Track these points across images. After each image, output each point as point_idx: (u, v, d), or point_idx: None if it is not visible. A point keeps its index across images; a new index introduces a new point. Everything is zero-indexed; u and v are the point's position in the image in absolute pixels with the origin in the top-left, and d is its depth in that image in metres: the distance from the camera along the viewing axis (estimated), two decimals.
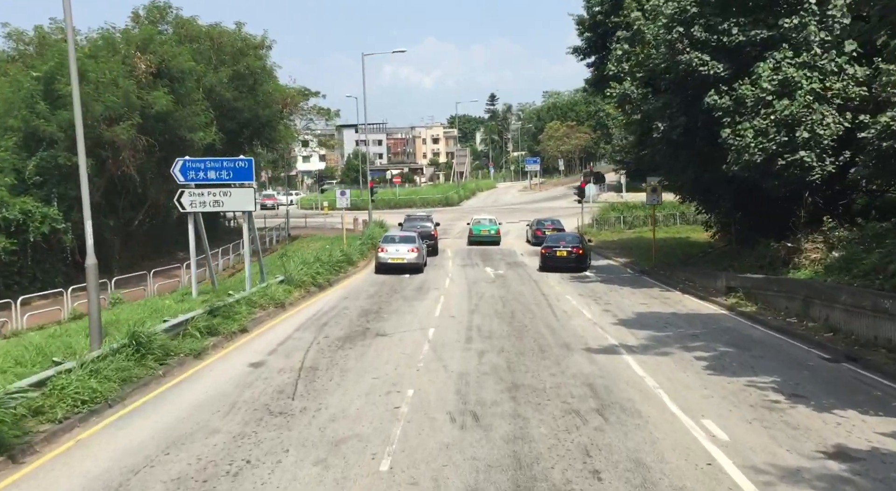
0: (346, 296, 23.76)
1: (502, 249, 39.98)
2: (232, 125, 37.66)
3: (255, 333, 17.71)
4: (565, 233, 38.56)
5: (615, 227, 45.77)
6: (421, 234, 35.28)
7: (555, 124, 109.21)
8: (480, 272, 30.22)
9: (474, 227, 42.04)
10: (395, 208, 72.83)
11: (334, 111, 52.60)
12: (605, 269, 31.82)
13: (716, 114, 21.90)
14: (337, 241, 40.44)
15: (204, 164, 21.84)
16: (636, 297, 23.47)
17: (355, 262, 31.19)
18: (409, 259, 28.97)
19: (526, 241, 44.36)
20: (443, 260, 34.82)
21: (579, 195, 45.54)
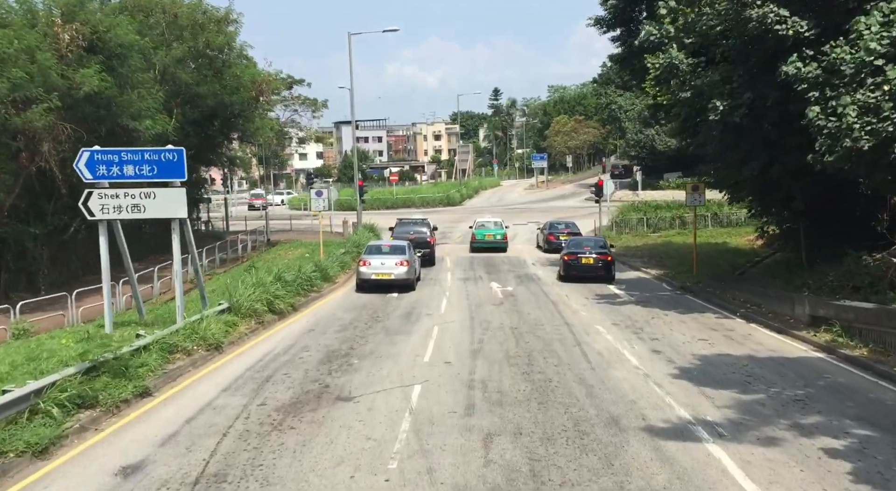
0: (312, 327, 18.35)
1: (510, 257, 34.58)
2: (194, 114, 32.35)
3: (160, 397, 12.29)
4: (588, 237, 33.25)
5: (637, 231, 40.35)
6: (415, 241, 29.90)
7: (562, 118, 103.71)
8: (485, 289, 24.82)
9: (478, 231, 36.64)
10: (392, 209, 67.43)
11: (322, 102, 47.36)
12: (636, 284, 26.34)
13: (798, 87, 16.46)
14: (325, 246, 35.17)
15: (119, 157, 16.48)
16: (688, 328, 18.04)
17: (333, 277, 25.82)
18: (397, 275, 23.60)
19: (536, 246, 38.96)
20: (440, 272, 29.43)
21: (596, 194, 40.10)
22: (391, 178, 72.97)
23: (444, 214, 59.70)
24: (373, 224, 40.82)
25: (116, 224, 17.03)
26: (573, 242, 29.67)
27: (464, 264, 32.12)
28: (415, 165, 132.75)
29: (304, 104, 47.02)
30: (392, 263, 23.71)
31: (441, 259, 33.60)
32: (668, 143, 65.13)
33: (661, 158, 66.77)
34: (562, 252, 28.87)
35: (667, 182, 65.08)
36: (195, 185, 41.08)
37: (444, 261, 33.19)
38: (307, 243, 38.53)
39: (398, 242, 25.97)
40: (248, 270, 27.85)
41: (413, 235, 30.70)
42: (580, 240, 31.01)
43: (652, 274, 28.12)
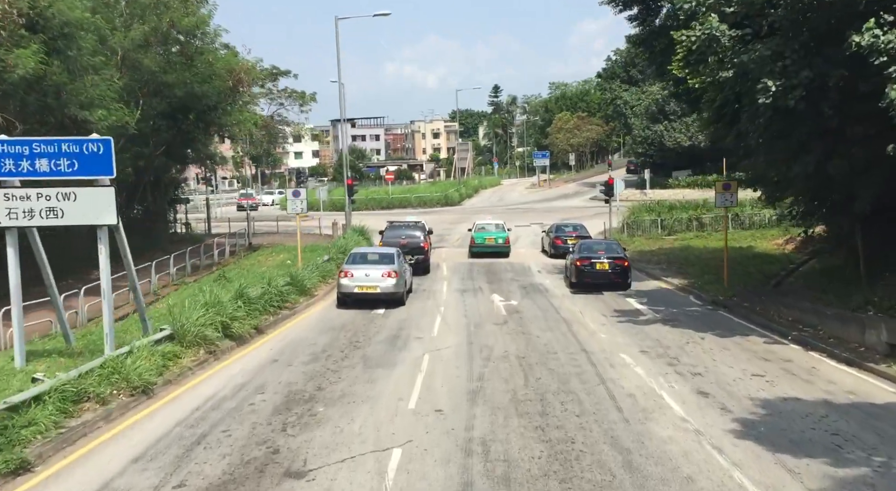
0: (276, 357, 15.11)
1: (512, 264, 31.34)
2: (162, 105, 29.14)
3: (41, 474, 9.04)
4: (601, 240, 30.06)
5: (651, 233, 37.08)
6: (407, 247, 26.72)
7: (564, 115, 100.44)
8: (485, 303, 21.60)
9: (477, 234, 33.39)
10: (387, 209, 64.18)
11: (310, 95, 44.10)
12: (658, 296, 23.07)
13: (875, 60, 13.24)
14: (309, 252, 31.96)
15: (30, 148, 13.25)
16: (734, 357, 14.79)
17: (311, 289, 22.55)
18: (383, 288, 20.35)
19: (541, 250, 35.71)
20: (435, 282, 26.20)
21: (606, 193, 36.83)
22: (387, 177, 69.72)
23: (441, 215, 56.47)
24: (363, 226, 37.56)
25: (32, 231, 13.81)
26: (584, 246, 26.59)
27: (462, 272, 28.89)
28: (413, 164, 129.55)
29: (291, 97, 43.74)
30: (378, 274, 20.46)
31: (436, 266, 30.38)
32: (678, 140, 61.95)
33: (670, 155, 63.58)
34: (571, 256, 25.89)
35: (676, 180, 61.88)
36: (169, 184, 37.92)
37: (440, 268, 29.97)
38: (292, 248, 35.24)
39: (386, 250, 22.70)
40: (217, 280, 24.74)
41: (405, 240, 27.49)
42: (591, 243, 27.85)
43: (675, 284, 24.87)
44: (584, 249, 26.21)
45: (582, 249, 26.20)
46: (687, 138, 61.49)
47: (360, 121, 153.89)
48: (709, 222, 36.85)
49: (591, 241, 29.09)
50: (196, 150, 35.38)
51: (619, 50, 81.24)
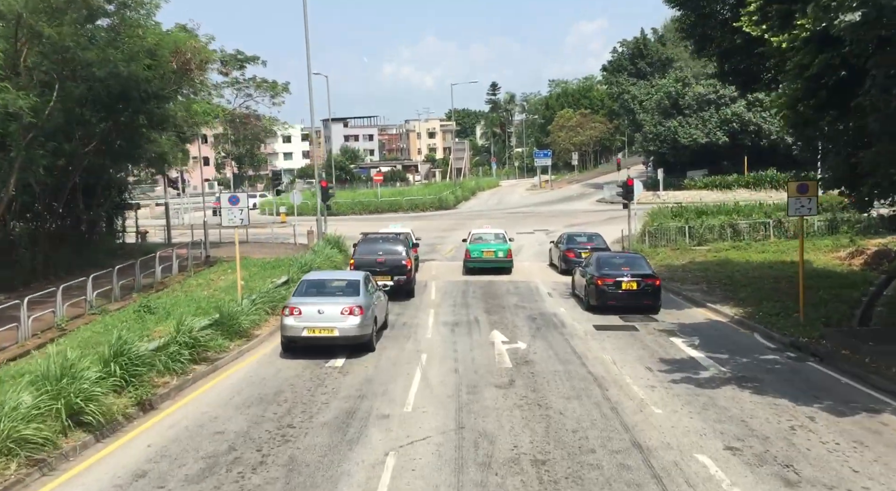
0: (147, 466, 9.49)
1: (516, 283, 25.82)
2: (80, 89, 23.56)
3: None
4: (622, 253, 24.66)
5: (677, 243, 31.50)
6: (386, 265, 21.32)
7: (567, 112, 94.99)
8: (484, 347, 16.05)
9: (473, 246, 27.83)
10: (375, 214, 58.68)
11: (282, 85, 38.54)
12: (712, 333, 17.43)
13: None
14: (271, 269, 26.48)
15: None
16: (880, 461, 9.25)
17: (250, 329, 16.92)
18: (343, 329, 14.77)
19: (549, 264, 30.21)
20: (419, 311, 20.66)
21: (625, 196, 31.31)
22: (375, 179, 64.13)
23: (434, 220, 50.97)
24: (339, 237, 32.02)
25: None
26: (604, 261, 21.42)
27: (454, 295, 23.36)
28: (407, 165, 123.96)
29: (261, 88, 38.16)
30: (336, 311, 14.86)
31: (423, 287, 24.85)
32: (693, 136, 56.48)
33: (685, 154, 58.12)
34: (588, 271, 21.11)
35: (692, 181, 56.41)
36: (111, 188, 32.33)
37: (428, 289, 24.44)
38: (258, 261, 29.79)
39: (350, 276, 16.99)
40: (138, 310, 19.20)
41: (382, 257, 21.95)
42: (611, 257, 22.51)
43: (727, 314, 19.28)
44: (604, 264, 21.11)
45: (602, 264, 21.08)
46: (703, 134, 56.03)
47: (352, 120, 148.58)
48: (744, 229, 31.31)
49: (609, 254, 23.65)
50: (140, 147, 29.78)
51: (625, 41, 75.94)
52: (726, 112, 55.51)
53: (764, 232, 31.17)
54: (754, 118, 54.74)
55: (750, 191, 54.30)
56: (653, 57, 73.60)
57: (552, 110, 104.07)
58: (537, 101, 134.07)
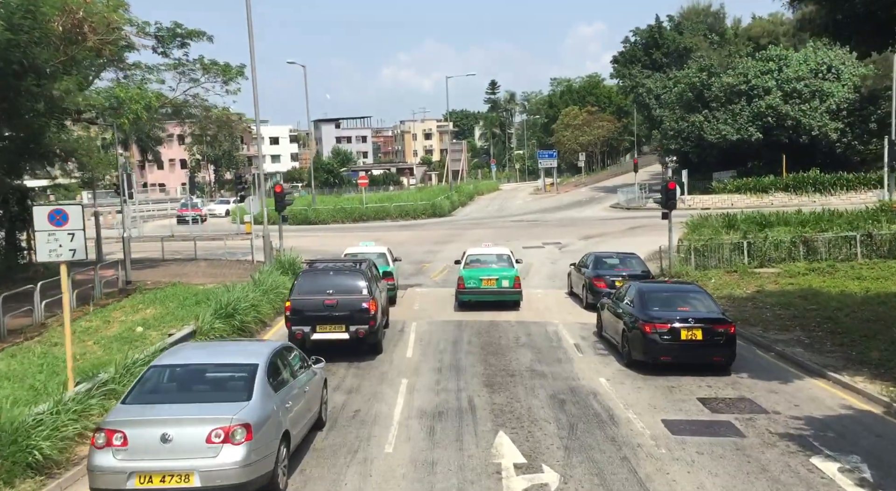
0: None
1: (527, 325, 18.71)
2: None
3: None
4: (675, 285, 17.18)
5: (733, 263, 24.27)
6: (338, 309, 14.41)
7: (572, 109, 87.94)
8: (481, 479, 8.95)
9: (470, 273, 20.58)
10: (360, 222, 51.59)
11: (236, 67, 31.46)
12: (872, 445, 10.26)
13: None
14: (199, 303, 19.45)
15: None
16: None
17: (54, 458, 9.61)
18: (209, 474, 7.64)
19: (568, 292, 23.15)
20: (384, 384, 13.53)
21: (665, 203, 24.17)
22: (360, 182, 57.00)
23: (426, 230, 43.90)
24: (295, 257, 24.88)
25: None
26: (651, 296, 15.01)
27: (441, 348, 16.28)
28: (402, 167, 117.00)
29: (210, 72, 31.08)
30: (196, 437, 7.74)
31: (399, 332, 17.81)
32: (722, 133, 49.41)
33: (711, 153, 51.07)
34: (630, 310, 14.82)
35: (720, 183, 49.30)
36: None
37: (405, 337, 17.37)
38: (188, 291, 22.74)
39: (241, 357, 9.40)
40: None
41: (333, 298, 14.83)
42: (659, 291, 15.63)
43: (874, 395, 12.04)
44: (652, 301, 14.69)
45: (649, 300, 14.67)
46: (734, 130, 48.96)
47: (345, 121, 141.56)
48: (824, 247, 24.14)
49: (656, 286, 16.56)
50: (38, 142, 22.78)
51: (638, 29, 68.89)
52: (759, 105, 48.49)
53: (847, 249, 23.98)
54: (792, 111, 47.72)
55: (789, 195, 47.24)
56: (669, 46, 66.61)
57: (556, 108, 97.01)
58: (539, 101, 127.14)
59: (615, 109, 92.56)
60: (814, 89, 48.41)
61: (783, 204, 46.01)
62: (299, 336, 14.73)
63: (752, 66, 50.85)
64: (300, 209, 54.24)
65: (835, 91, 48.15)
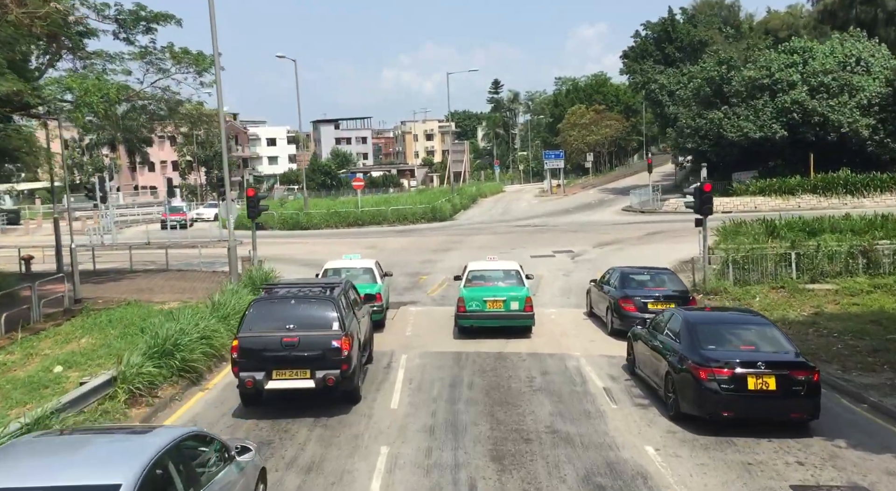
0: None
1: (543, 358, 15.29)
2: None
3: None
4: (737, 314, 13.50)
5: (780, 278, 20.75)
6: (300, 348, 11.07)
7: (579, 108, 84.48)
8: None
9: (473, 293, 17.10)
10: (354, 226, 48.16)
11: (211, 56, 28.10)
12: None
13: None
14: (145, 331, 16.03)
15: None
16: None
17: None
18: None
19: (587, 312, 19.74)
20: (354, 456, 10.10)
21: (699, 208, 20.76)
22: (355, 185, 53.58)
23: (425, 236, 40.47)
24: (268, 272, 21.44)
25: None
26: (704, 329, 11.65)
27: (434, 392, 12.90)
28: (402, 169, 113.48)
29: (180, 61, 27.70)
30: None
31: (385, 369, 14.43)
32: (744, 130, 45.92)
33: (731, 152, 47.56)
34: (670, 347, 11.74)
35: (742, 184, 45.80)
36: None
37: (391, 376, 13.98)
38: (153, 310, 19.46)
39: (93, 476, 5.76)
40: None
41: (294, 335, 11.42)
42: (713, 322, 12.21)
43: None
44: (705, 336, 11.35)
45: (701, 336, 11.39)
46: (756, 128, 45.44)
47: (344, 122, 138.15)
48: (888, 259, 20.62)
49: (709, 315, 12.92)
50: None
51: (649, 23, 65.27)
52: (784, 100, 44.97)
53: None
54: (819, 107, 44.21)
55: (817, 197, 43.75)
56: (683, 40, 63.05)
57: (561, 107, 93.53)
58: (543, 100, 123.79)
59: (623, 108, 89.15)
60: (842, 83, 44.89)
61: (811, 207, 42.56)
62: (250, 384, 11.35)
63: (774, 59, 47.35)
64: (291, 213, 50.93)
65: (865, 85, 44.62)
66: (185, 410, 12.14)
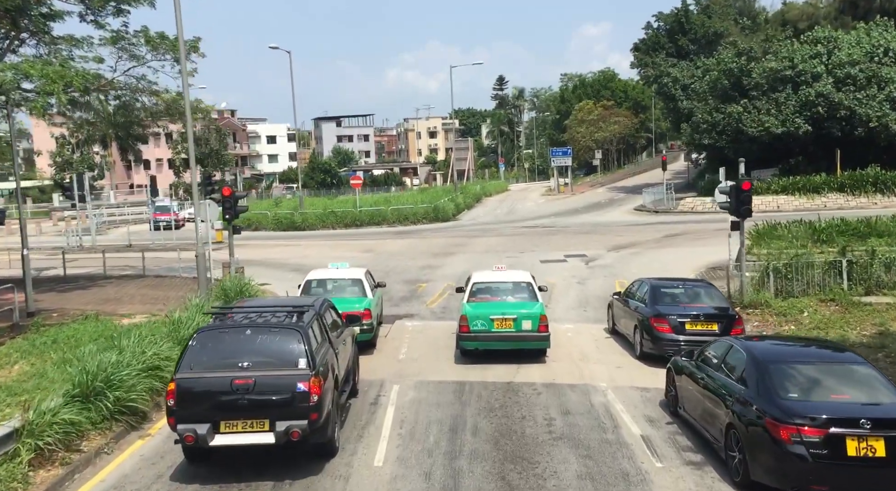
0: None
1: (562, 390, 12.73)
2: None
3: None
4: (820, 349, 10.53)
5: (828, 290, 18.09)
6: (258, 392, 8.44)
7: (587, 104, 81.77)
8: None
9: (477, 309, 14.55)
10: (352, 227, 45.61)
11: (190, 40, 25.58)
12: None
13: None
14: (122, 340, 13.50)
15: None
16: None
17: None
18: None
19: (609, 329, 17.15)
20: None
21: (735, 209, 18.17)
22: (353, 183, 50.99)
23: (427, 238, 37.88)
24: (245, 283, 18.85)
25: None
26: (781, 368, 8.90)
27: (430, 440, 10.34)
28: (405, 167, 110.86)
29: (156, 48, 25.19)
30: None
31: (371, 406, 11.88)
32: (765, 125, 43.22)
33: (751, 148, 44.82)
34: (736, 393, 8.96)
35: (763, 183, 43.11)
36: None
37: (378, 416, 11.44)
38: (113, 326, 17.03)
39: None
40: None
41: (248, 376, 8.84)
42: (792, 359, 9.37)
43: None
44: (782, 376, 8.70)
45: (775, 376, 8.73)
46: (779, 122, 42.73)
47: (346, 119, 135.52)
48: None
49: (785, 349, 10.20)
50: None
51: (661, 14, 62.62)
52: (808, 93, 42.26)
53: None
54: (846, 100, 41.50)
55: (845, 196, 41.07)
56: (697, 32, 60.34)
57: (568, 103, 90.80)
58: (548, 97, 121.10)
59: (632, 104, 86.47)
60: (870, 75, 42.17)
61: (838, 206, 39.90)
62: (190, 440, 8.77)
63: (797, 50, 44.63)
64: (286, 213, 48.40)
65: (895, 77, 41.90)
66: (112, 469, 9.58)
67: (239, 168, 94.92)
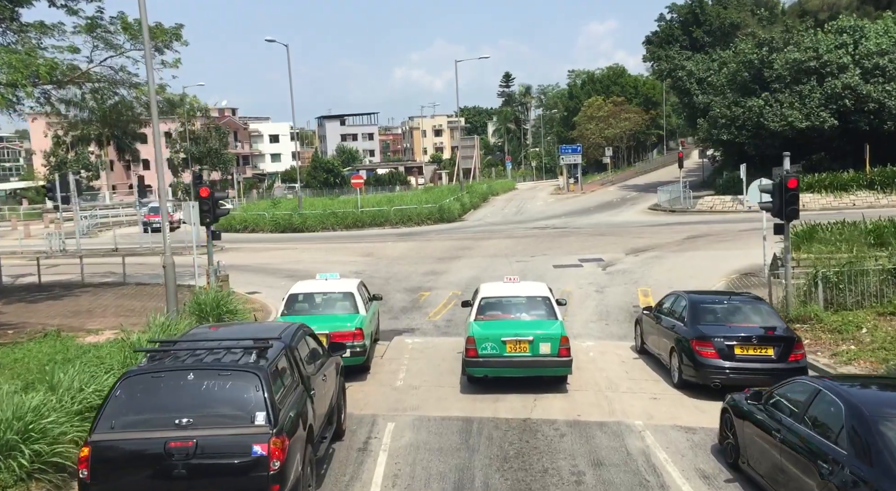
0: None
1: (586, 426, 10.59)
2: None
3: None
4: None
5: (884, 301, 15.91)
6: (197, 455, 6.08)
7: (597, 100, 79.41)
8: None
9: (486, 330, 12.40)
10: (353, 229, 43.47)
11: (172, 28, 23.51)
12: None
13: None
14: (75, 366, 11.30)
15: None
16: None
17: None
18: None
19: (637, 348, 14.97)
20: None
21: (779, 211, 15.92)
22: (354, 183, 48.87)
23: (431, 240, 35.70)
24: (223, 296, 16.65)
25: None
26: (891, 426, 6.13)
27: None
28: (410, 166, 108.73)
29: (135, 36, 23.12)
30: None
31: (358, 452, 9.68)
32: (788, 119, 40.89)
33: (772, 144, 42.42)
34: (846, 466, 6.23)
35: None
36: None
37: (366, 465, 9.25)
38: (74, 345, 14.96)
39: None
40: None
41: (189, 436, 6.69)
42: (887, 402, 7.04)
43: None
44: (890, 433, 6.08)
45: (888, 435, 6.16)
46: (803, 116, 40.40)
47: (350, 118, 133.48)
48: None
49: (885, 395, 7.97)
50: None
51: (675, 5, 60.24)
52: (834, 85, 39.92)
53: None
54: (874, 92, 39.16)
55: (875, 194, 38.78)
56: (713, 23, 57.99)
57: (576, 100, 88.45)
58: (556, 94, 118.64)
59: (643, 100, 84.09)
60: None
61: (868, 204, 37.61)
62: None
63: (822, 40, 42.27)
64: (284, 214, 46.30)
65: None
66: None
67: (241, 167, 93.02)
